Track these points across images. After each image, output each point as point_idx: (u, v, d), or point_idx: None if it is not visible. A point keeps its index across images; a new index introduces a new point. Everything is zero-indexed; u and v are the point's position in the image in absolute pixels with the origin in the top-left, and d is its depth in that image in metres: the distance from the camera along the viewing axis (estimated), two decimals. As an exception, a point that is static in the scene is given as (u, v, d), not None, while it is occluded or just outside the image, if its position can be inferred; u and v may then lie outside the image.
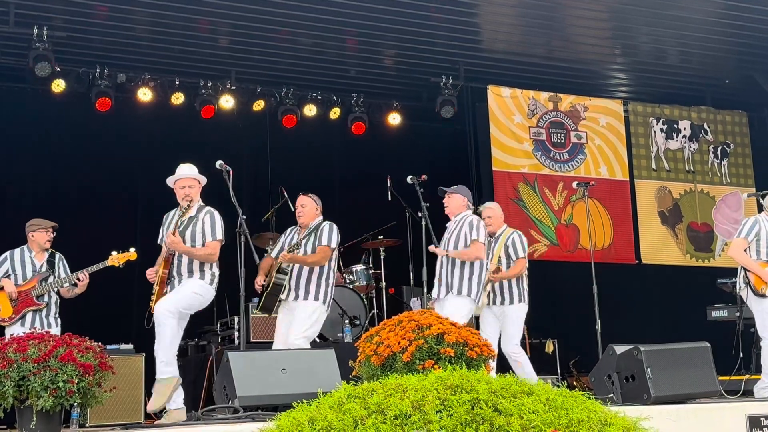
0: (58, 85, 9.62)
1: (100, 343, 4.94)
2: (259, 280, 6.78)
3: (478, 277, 7.04)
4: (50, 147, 9.92)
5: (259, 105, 10.69)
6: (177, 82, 10.18)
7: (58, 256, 7.33)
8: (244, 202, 6.83)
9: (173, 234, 6.13)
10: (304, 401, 2.72)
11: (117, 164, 10.08)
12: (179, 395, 6.12)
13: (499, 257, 7.53)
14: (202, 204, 6.40)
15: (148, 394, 7.69)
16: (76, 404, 4.58)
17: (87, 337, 4.82)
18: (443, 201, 7.29)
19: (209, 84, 10.24)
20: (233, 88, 10.38)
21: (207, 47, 9.82)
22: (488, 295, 7.51)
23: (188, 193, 6.30)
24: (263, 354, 5.85)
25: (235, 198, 6.55)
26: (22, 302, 7.06)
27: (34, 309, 7.08)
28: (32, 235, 7.26)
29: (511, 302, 7.44)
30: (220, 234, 6.22)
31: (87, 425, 6.61)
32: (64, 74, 9.63)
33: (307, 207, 6.99)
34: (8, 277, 7.16)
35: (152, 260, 7.01)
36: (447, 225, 7.27)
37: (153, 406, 5.92)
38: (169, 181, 6.45)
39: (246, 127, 10.81)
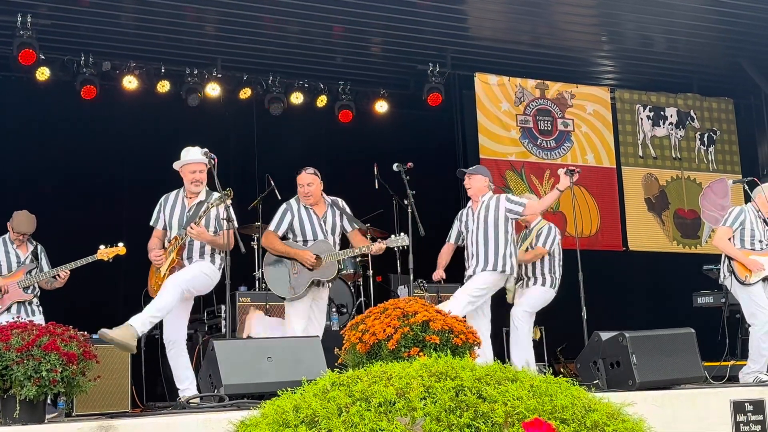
0: (43, 73, 9.55)
1: (84, 332, 4.92)
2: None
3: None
4: (35, 135, 9.85)
5: (245, 93, 10.65)
6: (163, 70, 10.12)
7: (40, 247, 7.30)
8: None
9: (197, 224, 6.15)
10: (289, 389, 2.71)
11: (102, 153, 10.01)
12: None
13: (527, 248, 7.90)
14: (209, 189, 6.49)
15: (135, 383, 7.70)
16: (61, 393, 4.56)
17: (71, 327, 4.80)
18: (464, 183, 7.31)
19: (195, 72, 10.19)
20: (219, 76, 10.33)
21: (193, 35, 9.77)
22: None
23: (198, 178, 6.37)
24: (249, 342, 5.85)
25: (220, 186, 6.53)
26: (8, 294, 7.01)
27: (21, 301, 7.04)
28: (10, 227, 7.25)
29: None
30: (235, 222, 6.32)
31: (73, 414, 6.61)
32: (49, 62, 9.57)
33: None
34: None
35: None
36: (470, 208, 7.30)
37: (112, 333, 5.82)
38: (177, 164, 6.49)
39: (232, 115, 10.77)
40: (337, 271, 6.74)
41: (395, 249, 6.97)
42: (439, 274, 7.49)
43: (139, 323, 5.87)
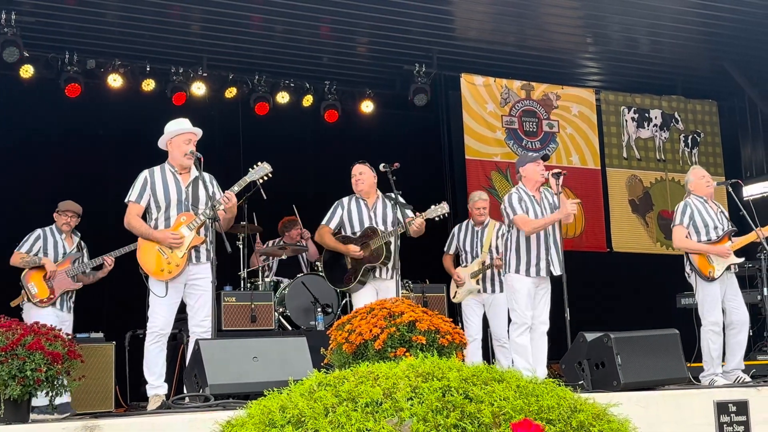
0: (27, 71, 9.50)
1: (69, 332, 4.91)
2: None
3: None
4: (18, 133, 9.78)
5: (231, 92, 10.63)
6: (148, 69, 10.08)
7: (83, 243, 7.31)
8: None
9: (232, 194, 6.03)
10: (276, 389, 2.71)
11: (87, 151, 9.96)
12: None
13: (490, 247, 7.99)
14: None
15: (119, 383, 7.67)
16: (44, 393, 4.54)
17: (54, 326, 4.78)
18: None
19: (181, 70, 10.16)
20: (205, 74, 10.30)
21: (179, 33, 9.74)
22: (477, 283, 8.03)
23: (192, 149, 6.09)
24: (234, 342, 5.83)
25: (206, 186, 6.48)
26: (58, 283, 6.98)
27: (70, 290, 7.04)
28: (54, 216, 7.31)
29: (502, 290, 7.71)
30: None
31: (56, 414, 6.57)
32: (33, 60, 9.51)
33: None
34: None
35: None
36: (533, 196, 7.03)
37: None
38: (169, 135, 6.19)
39: (218, 115, 10.73)
40: (385, 253, 6.76)
41: (435, 219, 6.97)
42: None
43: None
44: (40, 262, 7.03)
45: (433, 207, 6.95)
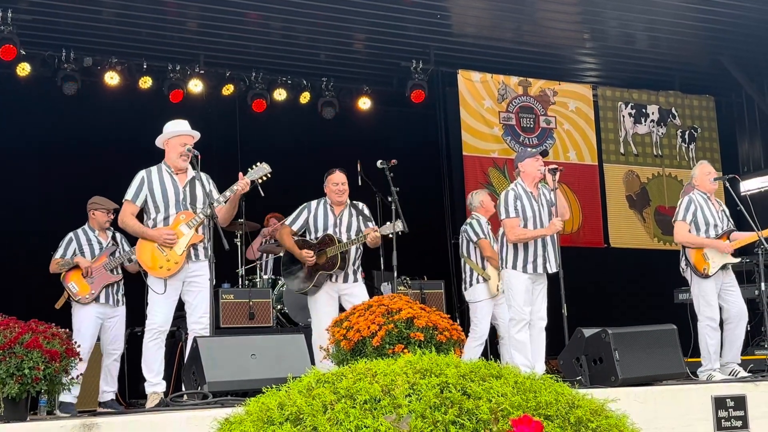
0: (24, 69, 9.49)
1: (66, 330, 4.90)
2: None
3: None
4: (15, 132, 9.77)
5: (228, 89, 10.62)
6: (145, 66, 10.07)
7: (119, 235, 7.27)
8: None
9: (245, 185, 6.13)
10: (274, 386, 2.71)
11: (84, 149, 9.95)
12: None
13: None
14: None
15: (118, 381, 7.65)
16: (42, 391, 4.54)
17: (53, 324, 4.77)
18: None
19: (177, 68, 10.15)
20: (202, 72, 10.30)
21: (175, 30, 9.72)
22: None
23: (186, 151, 6.15)
24: (232, 339, 5.83)
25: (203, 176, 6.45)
26: (98, 278, 6.98)
27: (111, 283, 7.02)
28: (93, 213, 7.24)
29: None
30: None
31: (55, 412, 6.58)
32: (30, 58, 9.50)
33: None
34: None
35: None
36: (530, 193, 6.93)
37: None
38: (166, 136, 6.24)
39: (215, 112, 10.72)
40: (340, 262, 6.83)
41: (389, 236, 6.98)
42: None
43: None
44: (73, 262, 6.99)
45: (388, 224, 6.96)
